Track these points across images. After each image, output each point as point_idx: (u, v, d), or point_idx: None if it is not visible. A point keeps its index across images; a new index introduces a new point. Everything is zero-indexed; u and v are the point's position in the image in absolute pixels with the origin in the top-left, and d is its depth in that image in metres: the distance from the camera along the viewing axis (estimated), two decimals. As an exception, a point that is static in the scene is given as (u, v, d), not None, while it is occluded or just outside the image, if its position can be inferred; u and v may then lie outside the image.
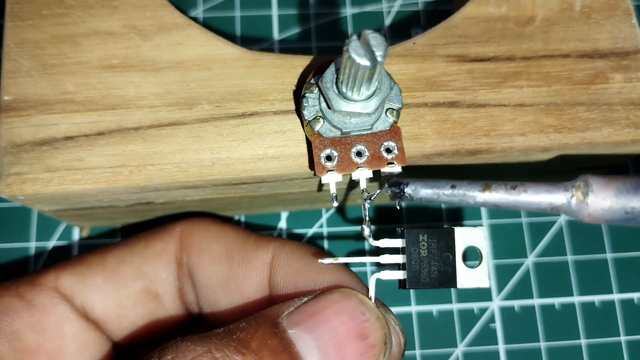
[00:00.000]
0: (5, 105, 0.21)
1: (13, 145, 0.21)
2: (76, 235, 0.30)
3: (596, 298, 0.31)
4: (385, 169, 0.21)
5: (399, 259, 0.22)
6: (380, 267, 0.23)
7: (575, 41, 0.23)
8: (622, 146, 0.23)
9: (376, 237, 0.22)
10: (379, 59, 0.17)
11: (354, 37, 0.18)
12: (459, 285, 0.21)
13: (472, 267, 0.21)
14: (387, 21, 0.34)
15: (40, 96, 0.22)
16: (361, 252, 0.31)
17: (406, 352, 0.29)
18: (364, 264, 0.30)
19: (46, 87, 0.22)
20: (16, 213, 0.30)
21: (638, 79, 0.23)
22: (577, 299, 0.31)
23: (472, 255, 0.22)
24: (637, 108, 0.23)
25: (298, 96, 0.22)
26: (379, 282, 0.21)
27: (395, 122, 0.21)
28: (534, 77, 0.23)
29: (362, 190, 0.21)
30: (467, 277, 0.21)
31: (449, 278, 0.21)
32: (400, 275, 0.22)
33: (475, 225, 0.21)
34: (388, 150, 0.21)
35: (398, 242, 0.22)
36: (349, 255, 0.30)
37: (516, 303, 0.30)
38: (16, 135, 0.21)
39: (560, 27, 0.24)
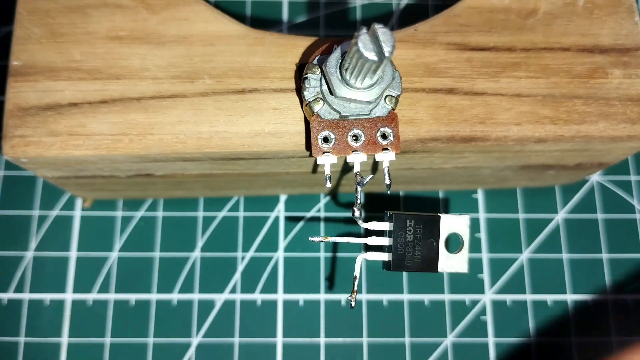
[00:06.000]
0: (14, 69, 0.22)
1: (19, 109, 0.22)
2: (79, 205, 0.31)
3: (589, 297, 0.31)
4: (380, 155, 0.22)
5: (385, 241, 0.22)
6: (367, 248, 0.23)
7: (576, 35, 0.23)
8: (618, 141, 0.23)
9: (368, 221, 0.22)
10: (386, 54, 0.18)
11: (364, 29, 0.18)
12: (439, 270, 0.21)
13: (453, 253, 0.21)
14: (396, 13, 0.34)
15: (48, 63, 0.22)
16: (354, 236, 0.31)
17: (396, 340, 0.30)
18: (357, 249, 0.30)
19: (54, 54, 0.22)
20: (22, 181, 0.31)
21: (637, 75, 0.23)
22: (570, 297, 0.31)
23: (455, 243, 0.22)
24: (635, 104, 0.23)
25: (299, 75, 0.23)
26: (371, 266, 0.22)
27: (393, 109, 0.22)
28: (533, 68, 0.23)
29: (356, 173, 0.22)
30: (448, 262, 0.21)
31: (431, 263, 0.21)
32: (385, 257, 0.22)
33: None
34: (384, 136, 0.22)
35: (386, 226, 0.22)
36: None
37: (508, 297, 0.30)
38: (23, 99, 0.22)
39: (563, 21, 0.24)
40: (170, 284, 0.30)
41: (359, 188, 0.22)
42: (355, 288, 0.21)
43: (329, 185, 0.22)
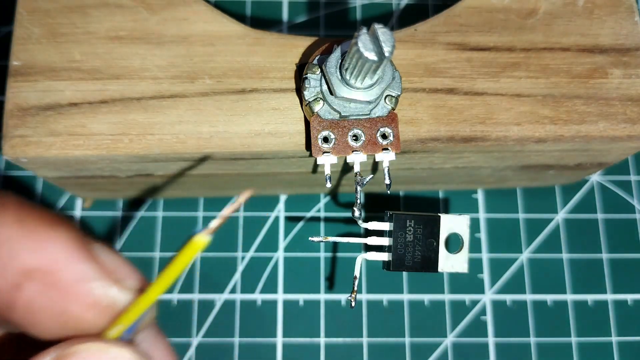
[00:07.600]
0: (14, 70, 0.22)
1: (19, 109, 0.22)
2: (79, 206, 0.31)
3: (589, 297, 0.31)
4: (379, 155, 0.22)
5: (385, 241, 0.22)
6: (367, 248, 0.23)
7: (576, 35, 0.23)
8: (618, 141, 0.23)
9: (368, 221, 0.22)
10: (386, 54, 0.18)
11: (364, 29, 0.18)
12: (439, 270, 0.21)
13: (453, 253, 0.21)
14: (396, 13, 0.34)
15: (48, 63, 0.22)
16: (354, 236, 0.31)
17: (396, 340, 0.30)
18: (357, 249, 0.31)
19: (54, 54, 0.22)
20: (22, 181, 0.31)
21: (637, 75, 0.23)
22: (570, 297, 0.31)
23: (455, 243, 0.22)
24: (635, 104, 0.23)
25: (299, 75, 0.23)
26: (371, 266, 0.22)
27: (393, 109, 0.22)
28: (533, 68, 0.23)
29: (356, 173, 0.22)
30: (448, 262, 0.21)
31: (431, 263, 0.21)
32: (385, 257, 0.22)
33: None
34: (384, 136, 0.22)
35: (386, 226, 0.22)
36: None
37: (508, 297, 0.30)
38: (23, 99, 0.22)
39: (562, 21, 0.24)
40: (170, 284, 0.30)
41: (359, 188, 0.22)
42: (355, 288, 0.21)
43: (329, 185, 0.22)
